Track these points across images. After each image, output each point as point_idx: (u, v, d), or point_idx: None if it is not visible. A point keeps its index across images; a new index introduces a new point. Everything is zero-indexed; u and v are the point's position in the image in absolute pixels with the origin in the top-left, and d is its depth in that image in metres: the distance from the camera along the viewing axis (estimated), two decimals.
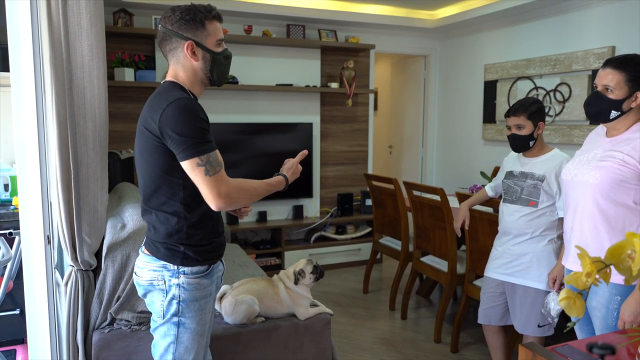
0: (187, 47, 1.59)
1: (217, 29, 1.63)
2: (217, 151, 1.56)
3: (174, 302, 1.62)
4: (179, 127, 1.49)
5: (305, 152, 1.88)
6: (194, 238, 1.63)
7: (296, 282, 2.41)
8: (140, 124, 1.60)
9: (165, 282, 1.62)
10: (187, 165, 1.51)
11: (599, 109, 1.85)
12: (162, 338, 1.66)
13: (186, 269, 1.62)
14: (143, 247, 1.71)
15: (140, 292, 1.71)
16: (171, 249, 1.62)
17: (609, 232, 1.80)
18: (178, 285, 1.62)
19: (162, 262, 1.62)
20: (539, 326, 2.42)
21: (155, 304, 1.66)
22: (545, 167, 2.41)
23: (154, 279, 1.63)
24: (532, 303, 2.44)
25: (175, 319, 1.63)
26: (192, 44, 1.59)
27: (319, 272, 2.46)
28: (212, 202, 1.53)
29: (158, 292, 1.64)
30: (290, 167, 1.81)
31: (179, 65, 1.63)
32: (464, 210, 2.86)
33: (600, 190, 1.79)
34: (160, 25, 1.62)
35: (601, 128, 1.97)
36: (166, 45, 1.62)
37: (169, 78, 1.66)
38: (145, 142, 1.57)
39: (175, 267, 1.62)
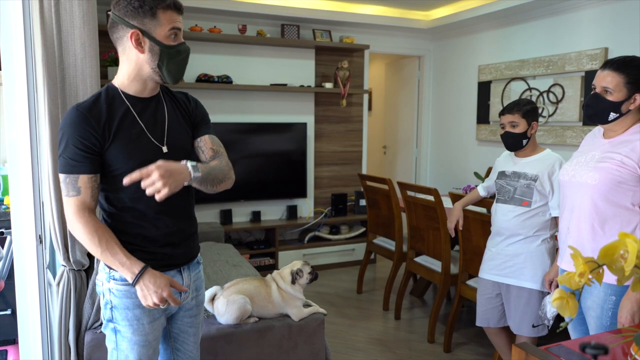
0: (132, 35, 1.44)
1: (172, 19, 1.46)
2: (85, 177, 1.44)
3: (108, 307, 1.57)
4: (58, 138, 1.47)
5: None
6: (123, 242, 1.51)
7: (293, 282, 2.41)
8: None
9: (102, 285, 1.58)
10: None
11: (598, 111, 1.85)
12: (107, 342, 1.62)
13: (115, 274, 1.53)
14: None
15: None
16: None
17: (606, 232, 1.81)
18: (109, 290, 1.56)
19: (103, 264, 1.57)
20: (533, 326, 2.43)
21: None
22: (538, 167, 2.42)
23: (98, 280, 1.61)
24: (527, 303, 2.44)
25: (112, 325, 1.58)
26: (137, 33, 1.43)
27: (314, 273, 2.48)
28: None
29: (101, 294, 1.61)
30: (154, 284, 1.47)
31: (124, 57, 1.49)
32: (457, 210, 2.87)
33: (599, 191, 1.80)
34: (110, 11, 1.48)
35: (598, 130, 1.98)
36: (113, 34, 1.47)
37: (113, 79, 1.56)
38: None
39: (108, 270, 1.55)
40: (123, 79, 1.52)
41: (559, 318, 2.48)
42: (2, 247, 2.59)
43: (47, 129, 2.06)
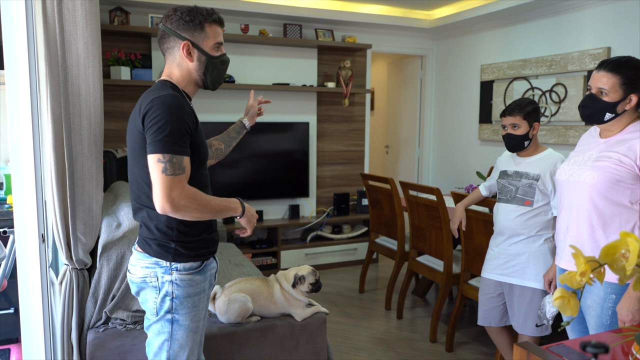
0: (183, 47, 1.62)
1: (217, 32, 1.67)
2: (187, 158, 1.54)
3: (167, 299, 1.63)
4: (155, 120, 1.50)
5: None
6: (185, 234, 1.63)
7: (294, 286, 2.41)
8: (130, 120, 1.63)
9: (158, 279, 1.63)
10: (150, 160, 1.50)
11: (594, 111, 1.86)
12: (156, 336, 1.66)
13: (179, 265, 1.63)
14: (136, 245, 1.71)
15: (133, 290, 1.71)
16: (163, 246, 1.62)
17: (605, 231, 1.81)
18: (171, 282, 1.62)
19: (155, 259, 1.63)
20: (536, 326, 2.43)
21: (148, 301, 1.66)
22: (540, 166, 2.42)
23: (147, 276, 1.64)
24: (530, 303, 2.44)
25: (169, 316, 1.64)
26: (188, 44, 1.62)
27: (317, 286, 2.45)
28: (158, 202, 1.49)
29: (151, 289, 1.64)
30: (250, 211, 1.73)
31: (174, 64, 1.66)
32: (460, 211, 2.86)
33: (597, 189, 1.81)
34: (161, 24, 1.66)
35: (594, 129, 1.99)
36: (164, 44, 1.66)
37: (163, 77, 1.68)
38: (134, 139, 1.60)
39: (168, 263, 1.62)
40: (179, 80, 1.67)
41: (559, 317, 2.47)
42: (5, 246, 2.60)
43: (49, 128, 2.07)
